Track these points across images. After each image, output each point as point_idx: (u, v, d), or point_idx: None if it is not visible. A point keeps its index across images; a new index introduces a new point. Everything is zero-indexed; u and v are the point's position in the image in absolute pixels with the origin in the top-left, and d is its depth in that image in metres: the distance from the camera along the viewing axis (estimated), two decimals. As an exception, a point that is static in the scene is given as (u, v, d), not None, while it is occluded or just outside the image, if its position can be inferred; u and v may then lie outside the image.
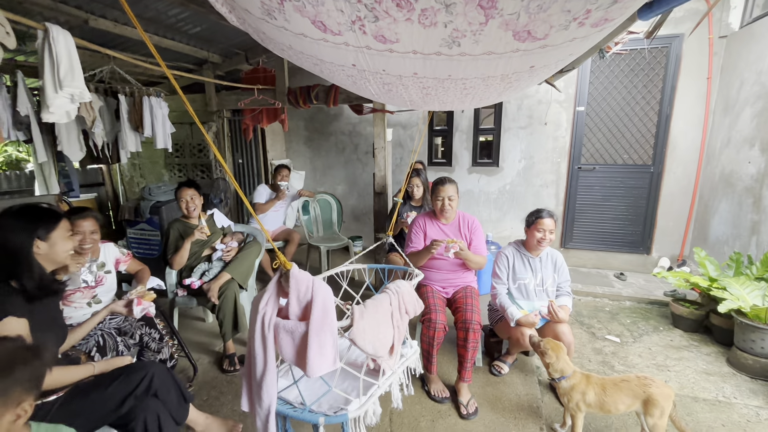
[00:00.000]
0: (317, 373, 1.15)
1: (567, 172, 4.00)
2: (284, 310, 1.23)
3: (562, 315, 2.01)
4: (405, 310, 1.47)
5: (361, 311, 1.28)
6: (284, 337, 1.18)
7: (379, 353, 1.33)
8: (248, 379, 1.26)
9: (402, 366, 1.54)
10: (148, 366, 1.31)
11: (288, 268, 1.17)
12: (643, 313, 3.08)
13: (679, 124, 3.59)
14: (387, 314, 1.40)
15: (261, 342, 1.19)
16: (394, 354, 1.42)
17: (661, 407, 1.54)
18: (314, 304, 1.16)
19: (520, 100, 3.99)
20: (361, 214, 4.84)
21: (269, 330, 1.19)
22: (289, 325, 1.18)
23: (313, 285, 1.19)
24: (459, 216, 2.34)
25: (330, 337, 1.18)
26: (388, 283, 1.53)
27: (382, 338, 1.35)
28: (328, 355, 1.17)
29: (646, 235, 3.87)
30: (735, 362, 2.33)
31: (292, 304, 1.19)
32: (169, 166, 4.27)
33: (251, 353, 1.22)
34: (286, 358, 1.18)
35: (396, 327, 1.41)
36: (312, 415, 1.28)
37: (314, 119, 4.73)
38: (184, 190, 2.50)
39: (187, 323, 2.92)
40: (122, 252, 2.06)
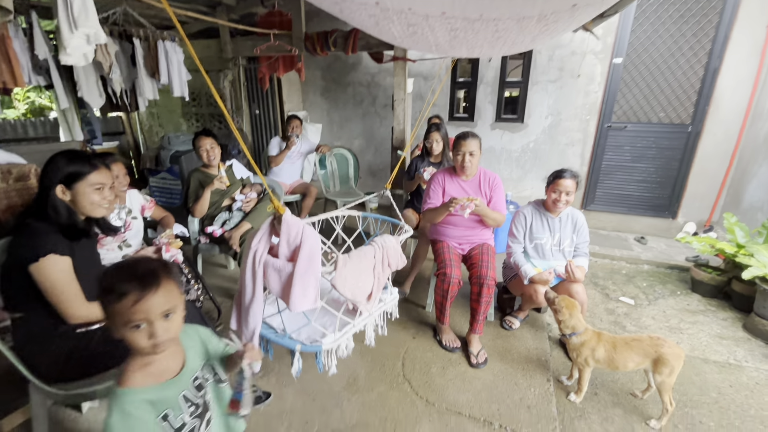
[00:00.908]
0: (298, 309, 1.28)
1: (595, 131, 3.79)
2: (275, 248, 1.34)
3: (579, 275, 2.01)
4: (388, 263, 1.57)
5: (345, 260, 1.37)
6: (272, 274, 1.30)
7: (357, 299, 1.46)
8: (238, 304, 1.43)
9: (379, 310, 1.67)
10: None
11: (281, 212, 1.25)
12: (661, 278, 3.04)
13: (727, 79, 3.29)
14: (370, 265, 1.50)
15: (251, 275, 1.33)
16: (372, 300, 1.54)
17: (671, 366, 1.56)
18: (302, 250, 1.27)
19: (551, 50, 3.71)
20: (378, 170, 4.80)
21: (259, 266, 1.31)
22: (278, 264, 1.29)
23: (303, 231, 1.29)
24: (480, 173, 2.28)
25: (313, 280, 1.29)
26: (375, 237, 1.58)
27: (362, 286, 1.47)
28: (310, 295, 1.29)
29: (674, 199, 3.72)
30: (752, 328, 2.32)
31: (282, 246, 1.30)
32: (186, 116, 4.25)
33: (243, 282, 1.36)
34: (273, 291, 1.32)
35: (377, 278, 1.53)
36: (291, 342, 1.44)
37: (331, 68, 4.55)
38: (202, 139, 2.50)
39: (211, 270, 3.06)
40: (146, 199, 2.12)
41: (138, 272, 0.76)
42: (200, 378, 0.89)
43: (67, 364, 1.25)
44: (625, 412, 1.73)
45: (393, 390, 1.83)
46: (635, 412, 1.73)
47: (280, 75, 3.88)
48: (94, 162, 1.34)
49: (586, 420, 1.69)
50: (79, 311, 1.24)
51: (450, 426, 1.62)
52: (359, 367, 1.98)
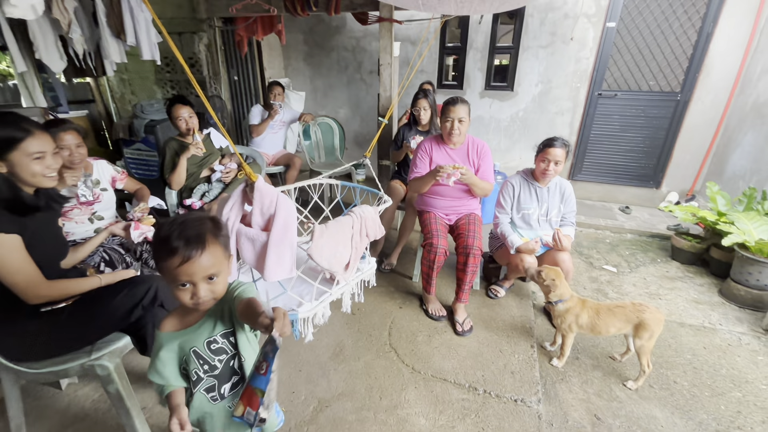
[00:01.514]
0: (273, 279, 1.25)
1: (585, 99, 3.72)
2: (248, 217, 1.30)
3: (566, 244, 2.01)
4: (366, 233, 1.55)
5: (322, 231, 1.33)
6: (245, 243, 1.25)
7: (334, 269, 1.43)
8: None
9: (357, 279, 1.67)
10: (152, 279, 1.33)
11: (253, 179, 1.18)
12: (643, 246, 3.10)
13: (719, 45, 3.23)
14: (347, 236, 1.47)
15: None
16: (349, 270, 1.53)
17: (651, 331, 1.60)
18: (276, 219, 1.22)
19: (543, 13, 3.56)
20: (365, 140, 4.67)
21: (231, 234, 1.26)
22: (251, 233, 1.25)
23: (277, 200, 1.22)
24: (468, 140, 2.21)
25: (288, 250, 1.25)
26: (353, 207, 1.55)
27: (339, 256, 1.44)
28: (286, 265, 1.26)
29: (659, 168, 3.74)
30: (727, 293, 2.39)
31: (255, 215, 1.26)
32: (160, 83, 4.00)
33: None
34: (247, 261, 1.29)
35: (354, 248, 1.51)
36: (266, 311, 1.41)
37: (314, 32, 4.30)
38: (178, 108, 2.35)
39: (193, 243, 2.98)
40: (116, 170, 2.00)
41: (187, 234, 0.78)
42: (218, 342, 0.89)
43: (34, 344, 1.19)
44: (604, 375, 1.78)
45: (379, 359, 1.84)
46: (614, 374, 1.79)
47: (259, 38, 3.66)
48: (26, 126, 1.15)
49: (567, 383, 1.74)
50: (37, 291, 1.16)
51: (435, 392, 1.65)
52: (346, 337, 1.98)
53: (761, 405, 1.64)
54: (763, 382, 1.76)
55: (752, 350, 1.96)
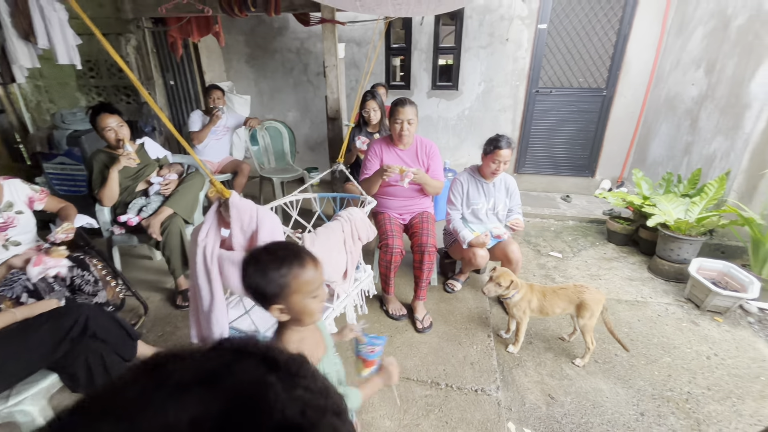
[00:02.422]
0: None
1: (525, 96, 3.94)
2: (227, 240, 1.15)
3: (521, 225, 2.13)
4: (358, 236, 1.47)
5: (312, 238, 1.24)
6: (230, 269, 1.13)
7: (332, 278, 1.33)
8: (195, 314, 1.22)
9: (356, 289, 1.57)
10: (80, 308, 1.21)
11: (226, 196, 1.07)
12: (583, 231, 3.35)
13: (635, 45, 3.56)
14: (339, 241, 1.39)
15: (205, 275, 1.14)
16: (348, 278, 1.44)
17: (591, 310, 1.72)
18: (261, 233, 1.12)
19: (481, 15, 3.71)
20: (316, 143, 4.59)
21: (212, 262, 1.13)
22: (235, 257, 1.12)
23: (258, 214, 1.11)
24: (417, 141, 2.25)
25: None
26: (340, 211, 1.49)
27: (335, 264, 1.35)
28: None
29: (593, 158, 4.06)
30: (654, 269, 2.65)
31: (235, 235, 1.12)
32: (84, 89, 3.64)
33: (195, 287, 1.17)
34: (234, 289, 1.16)
35: (349, 252, 1.41)
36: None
37: (255, 33, 4.15)
38: (104, 118, 2.14)
39: (133, 262, 2.75)
40: (34, 189, 1.79)
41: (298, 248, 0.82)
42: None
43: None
44: (555, 355, 1.90)
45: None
46: (564, 354, 1.91)
47: (194, 40, 3.46)
48: None
49: (522, 367, 1.83)
50: None
51: (399, 393, 1.66)
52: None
53: (687, 367, 1.83)
54: (687, 346, 1.96)
55: (677, 318, 2.18)
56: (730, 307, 2.17)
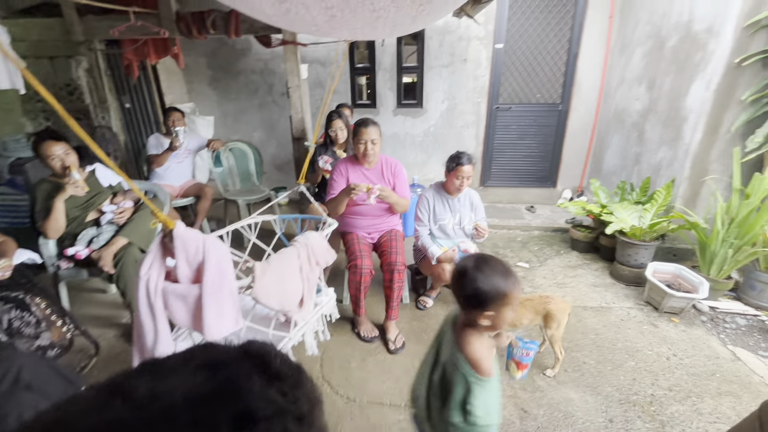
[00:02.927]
0: (217, 336, 1.09)
1: (486, 113, 4.09)
2: (173, 272, 1.10)
3: (485, 231, 2.19)
4: (315, 261, 1.43)
5: (264, 268, 1.20)
6: (175, 303, 1.08)
7: (286, 308, 1.30)
8: (139, 350, 1.15)
9: (316, 315, 1.53)
10: (11, 357, 1.09)
11: (171, 227, 1.02)
12: (548, 240, 3.46)
13: (585, 63, 3.81)
14: (295, 268, 1.35)
15: (148, 310, 1.08)
16: (305, 306, 1.40)
17: (557, 320, 1.76)
18: (207, 265, 1.07)
19: (441, 36, 3.85)
20: (283, 163, 4.53)
21: (156, 296, 1.08)
22: (180, 290, 1.08)
23: (205, 244, 1.06)
24: (382, 160, 2.26)
25: (229, 298, 1.11)
26: (297, 236, 1.46)
27: (290, 293, 1.31)
28: (228, 316, 1.11)
29: (553, 170, 4.24)
30: (615, 274, 2.76)
31: (181, 267, 1.08)
32: (30, 114, 3.43)
33: (139, 322, 1.11)
34: (181, 323, 1.10)
35: (305, 279, 1.37)
36: None
37: (217, 55, 4.09)
38: (48, 146, 2.01)
39: (85, 297, 2.56)
40: None
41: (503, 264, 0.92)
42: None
43: None
44: (527, 367, 1.91)
45: (312, 394, 1.74)
46: (535, 365, 1.92)
47: (151, 61, 3.35)
48: None
49: (495, 382, 1.82)
50: None
51: (372, 419, 1.61)
52: (275, 378, 1.84)
53: (649, 369, 1.90)
54: (649, 349, 2.04)
55: (638, 321, 2.27)
56: (684, 307, 2.29)
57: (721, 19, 2.39)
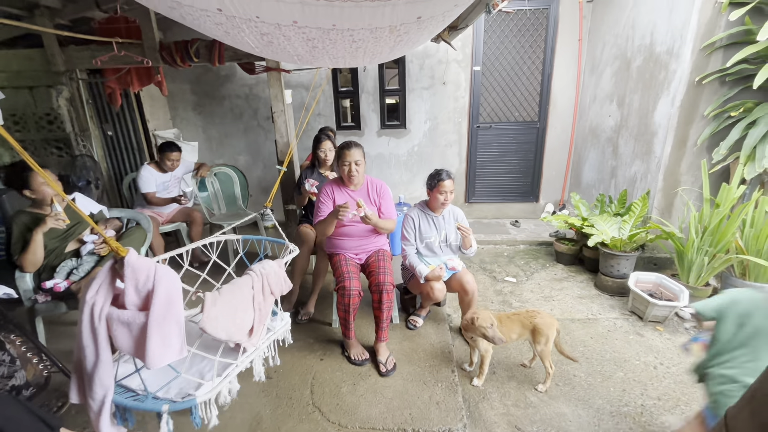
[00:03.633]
0: (159, 365, 1.09)
1: (467, 131, 4.21)
2: (120, 297, 1.12)
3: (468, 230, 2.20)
4: (270, 290, 1.44)
5: (214, 298, 1.21)
6: (119, 329, 1.09)
7: (234, 338, 1.30)
8: (78, 371, 1.16)
9: (268, 341, 1.53)
10: None
11: (123, 254, 1.04)
12: (534, 254, 3.52)
13: (559, 83, 3.99)
14: (247, 298, 1.35)
15: (90, 333, 1.09)
16: (254, 334, 1.39)
17: (545, 335, 1.77)
18: (156, 294, 1.08)
19: (421, 60, 3.99)
20: (270, 185, 4.52)
21: (100, 321, 1.08)
22: (125, 316, 1.08)
23: (155, 273, 1.09)
24: (367, 181, 2.29)
25: (176, 327, 1.12)
26: (253, 265, 1.46)
27: (239, 323, 1.31)
28: (174, 345, 1.12)
29: (535, 185, 4.36)
30: (600, 285, 2.82)
31: (129, 294, 1.09)
32: (6, 144, 3.37)
33: (80, 344, 1.11)
34: (123, 350, 1.10)
35: (257, 309, 1.38)
36: (155, 403, 1.22)
37: (201, 81, 4.13)
38: (33, 178, 1.97)
39: (62, 330, 2.46)
40: None
41: None
42: None
43: None
44: (519, 384, 1.91)
45: (302, 423, 1.70)
46: (526, 380, 1.93)
47: (134, 90, 3.37)
48: None
49: (488, 400, 1.81)
50: None
51: (364, 445, 1.57)
52: (263, 407, 1.79)
53: (638, 379, 1.92)
54: (636, 359, 2.07)
55: (625, 332, 2.31)
56: (667, 315, 2.34)
57: (679, 42, 2.56)
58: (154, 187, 3.07)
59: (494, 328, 1.75)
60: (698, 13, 2.43)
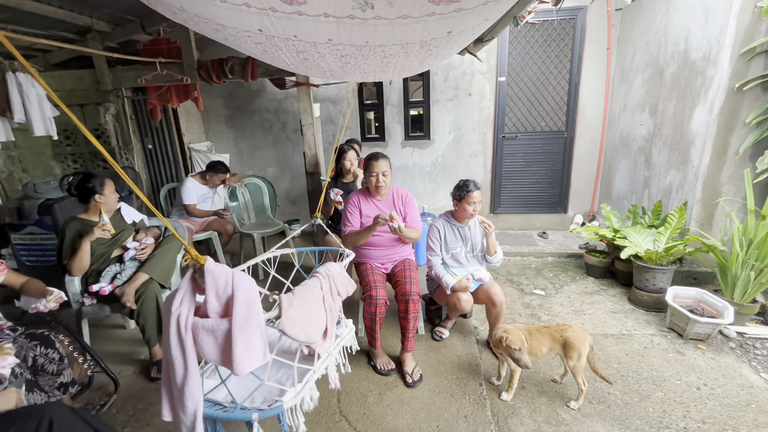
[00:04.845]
0: (246, 370, 1.09)
1: (493, 142, 4.18)
2: (202, 308, 1.12)
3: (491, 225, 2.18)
4: (337, 291, 1.45)
5: (290, 300, 1.22)
6: (205, 337, 1.09)
7: (312, 339, 1.30)
8: (168, 387, 1.16)
9: (338, 347, 1.53)
10: (43, 409, 1.11)
11: (201, 263, 1.06)
12: (563, 266, 3.42)
13: (586, 92, 3.92)
14: (318, 299, 1.36)
15: (178, 345, 1.09)
16: (329, 337, 1.40)
17: (578, 350, 1.72)
18: (236, 299, 1.09)
19: (446, 72, 4.03)
20: (297, 196, 4.65)
21: (186, 331, 1.09)
22: (210, 324, 1.09)
23: (233, 278, 1.10)
24: (392, 191, 2.32)
25: (257, 331, 1.12)
26: (318, 267, 1.49)
27: (314, 324, 1.32)
28: (257, 349, 1.12)
29: (563, 195, 4.26)
30: (634, 299, 2.70)
31: (210, 302, 1.10)
32: (59, 157, 3.64)
33: (168, 359, 1.11)
34: (210, 358, 1.11)
35: (329, 310, 1.38)
36: (244, 413, 1.23)
37: (234, 96, 4.33)
38: (107, 184, 2.17)
39: (104, 333, 2.60)
40: None
41: None
42: None
43: None
44: (550, 399, 1.85)
45: (330, 431, 1.71)
46: (557, 397, 1.87)
47: (173, 105, 3.58)
48: None
49: (517, 415, 1.77)
50: None
51: (392, 456, 1.56)
52: (291, 414, 1.82)
53: (680, 400, 1.82)
54: (677, 378, 1.96)
55: (663, 349, 2.20)
56: (710, 333, 2.21)
57: (716, 48, 2.48)
58: (195, 198, 3.23)
59: (523, 351, 1.71)
60: (736, 18, 2.35)
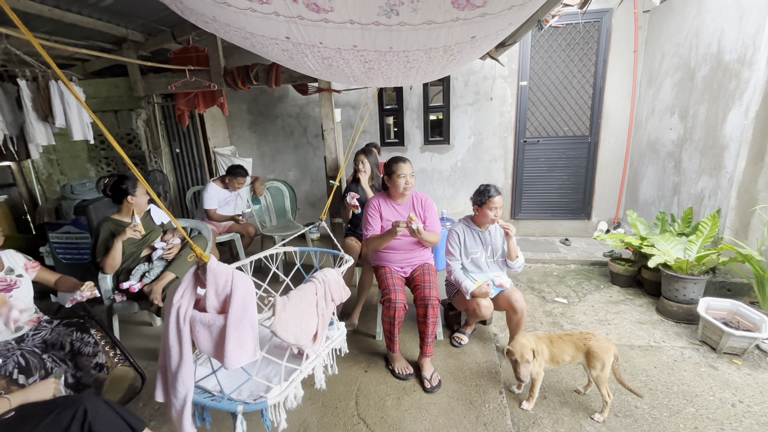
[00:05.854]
0: (235, 366, 1.16)
1: (513, 146, 4.13)
2: (202, 301, 1.21)
3: (511, 228, 2.15)
4: (331, 297, 1.51)
5: (284, 303, 1.28)
6: (201, 330, 1.17)
7: (301, 342, 1.36)
8: (163, 371, 1.25)
9: (327, 349, 1.59)
10: (78, 399, 1.18)
11: (205, 260, 1.14)
12: (586, 274, 3.33)
13: (611, 95, 3.82)
14: (312, 304, 1.42)
15: (176, 334, 1.18)
16: (318, 340, 1.46)
17: (601, 360, 1.67)
18: (233, 298, 1.16)
19: (466, 76, 4.02)
20: (317, 199, 4.71)
21: (185, 323, 1.17)
22: (207, 319, 1.17)
23: (233, 278, 1.18)
24: (412, 194, 2.33)
25: (250, 331, 1.18)
26: (315, 272, 1.53)
27: (306, 328, 1.37)
28: (248, 347, 1.18)
29: (587, 201, 4.15)
30: (663, 310, 2.60)
31: (209, 297, 1.18)
32: (94, 160, 3.83)
33: (166, 346, 1.20)
34: (203, 350, 1.18)
35: (321, 315, 1.45)
36: (230, 404, 1.31)
37: (257, 102, 4.45)
38: (139, 186, 2.26)
39: (132, 329, 2.70)
40: (27, 258, 1.85)
41: None
42: None
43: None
44: (573, 411, 1.80)
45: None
46: (581, 408, 1.81)
47: (200, 111, 3.70)
48: None
49: (539, 426, 1.72)
50: None
51: (410, 462, 1.55)
52: (310, 414, 1.84)
53: (713, 417, 1.73)
54: (710, 394, 1.87)
55: (695, 363, 2.10)
56: (746, 348, 2.10)
57: (752, 49, 2.38)
58: (216, 203, 3.32)
59: (528, 366, 1.69)
60: (774, 18, 2.25)
